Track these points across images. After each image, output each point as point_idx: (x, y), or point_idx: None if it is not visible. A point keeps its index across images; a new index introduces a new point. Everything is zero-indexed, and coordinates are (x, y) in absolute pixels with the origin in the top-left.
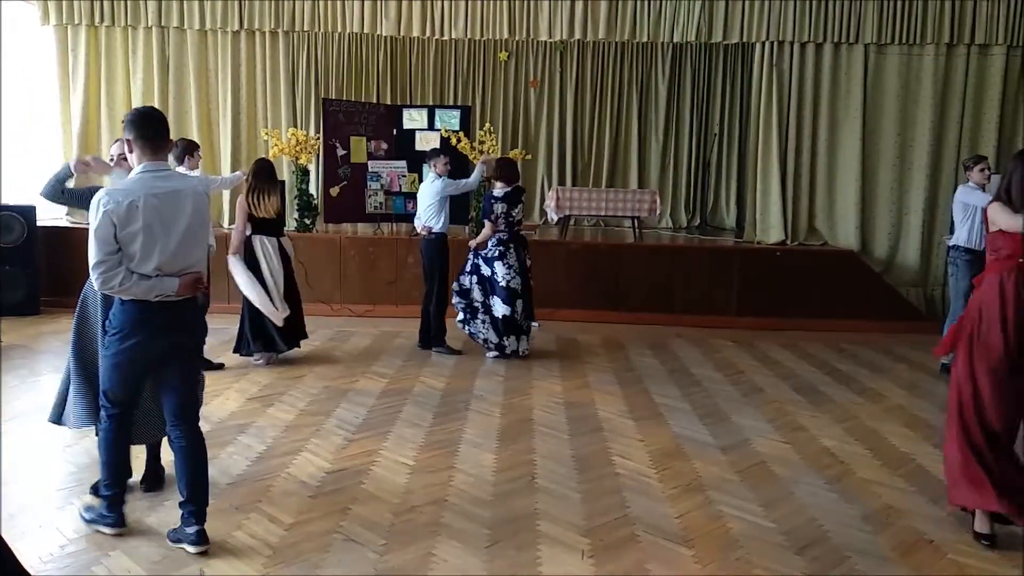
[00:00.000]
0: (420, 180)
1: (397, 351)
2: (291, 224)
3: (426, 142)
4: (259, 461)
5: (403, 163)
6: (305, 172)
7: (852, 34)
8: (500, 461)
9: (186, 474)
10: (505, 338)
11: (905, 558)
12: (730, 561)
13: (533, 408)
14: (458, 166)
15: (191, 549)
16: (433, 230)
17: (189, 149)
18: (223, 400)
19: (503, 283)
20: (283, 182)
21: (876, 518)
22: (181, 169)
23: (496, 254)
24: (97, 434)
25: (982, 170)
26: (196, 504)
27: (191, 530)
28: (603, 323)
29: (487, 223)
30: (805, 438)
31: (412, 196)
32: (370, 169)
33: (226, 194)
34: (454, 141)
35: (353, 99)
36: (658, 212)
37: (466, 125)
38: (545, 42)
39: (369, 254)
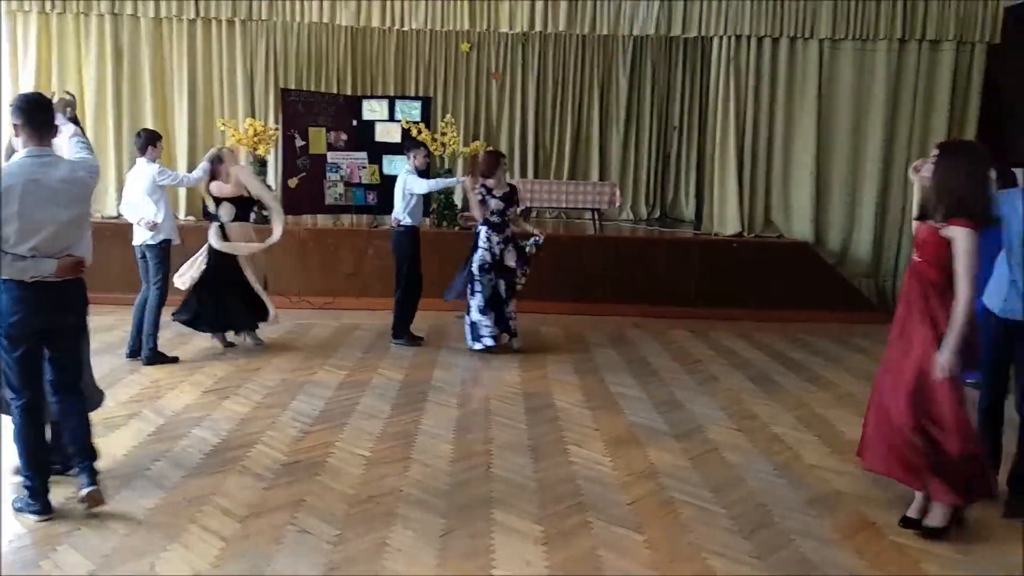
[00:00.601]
0: (380, 171)
1: (356, 343)
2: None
3: (387, 133)
4: (213, 454)
5: (363, 154)
6: (263, 163)
7: (807, 29)
8: (457, 451)
9: (73, 435)
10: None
11: (848, 540)
12: (680, 546)
13: (491, 399)
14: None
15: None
16: (401, 222)
17: (152, 139)
18: (178, 393)
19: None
20: None
21: (822, 502)
22: (143, 160)
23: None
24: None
25: None
26: (90, 458)
27: (85, 491)
28: (564, 315)
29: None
30: (756, 425)
31: (372, 187)
32: (329, 160)
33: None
34: (415, 132)
35: (313, 89)
36: (618, 204)
37: (427, 116)
38: (507, 34)
39: (329, 246)
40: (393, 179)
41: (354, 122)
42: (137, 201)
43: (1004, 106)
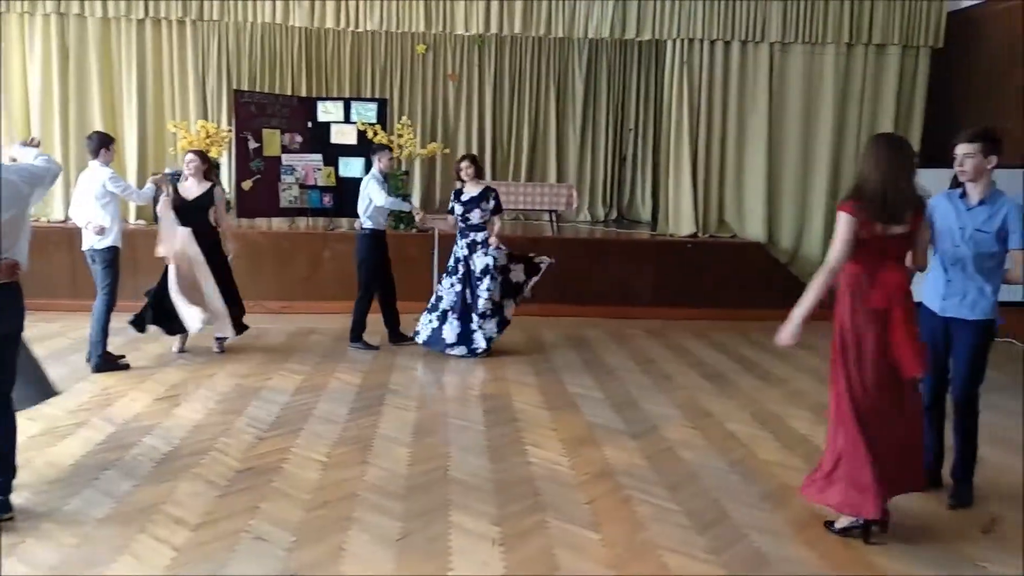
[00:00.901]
0: (336, 174)
1: (313, 348)
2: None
3: (342, 135)
4: (164, 462)
5: (319, 156)
6: (216, 166)
7: (758, 33)
8: (414, 455)
9: None
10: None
11: (799, 534)
12: (635, 543)
13: (449, 401)
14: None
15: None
16: (364, 226)
17: (104, 142)
18: (129, 401)
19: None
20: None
21: (774, 497)
22: (95, 163)
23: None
24: None
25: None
26: (5, 475)
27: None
28: (522, 316)
29: (498, 219)
30: (711, 423)
31: (328, 190)
32: (284, 162)
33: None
34: (371, 134)
35: (267, 91)
36: (575, 206)
37: (383, 118)
38: (463, 36)
39: (284, 249)
40: (349, 181)
41: (309, 124)
42: (87, 205)
43: (948, 109)
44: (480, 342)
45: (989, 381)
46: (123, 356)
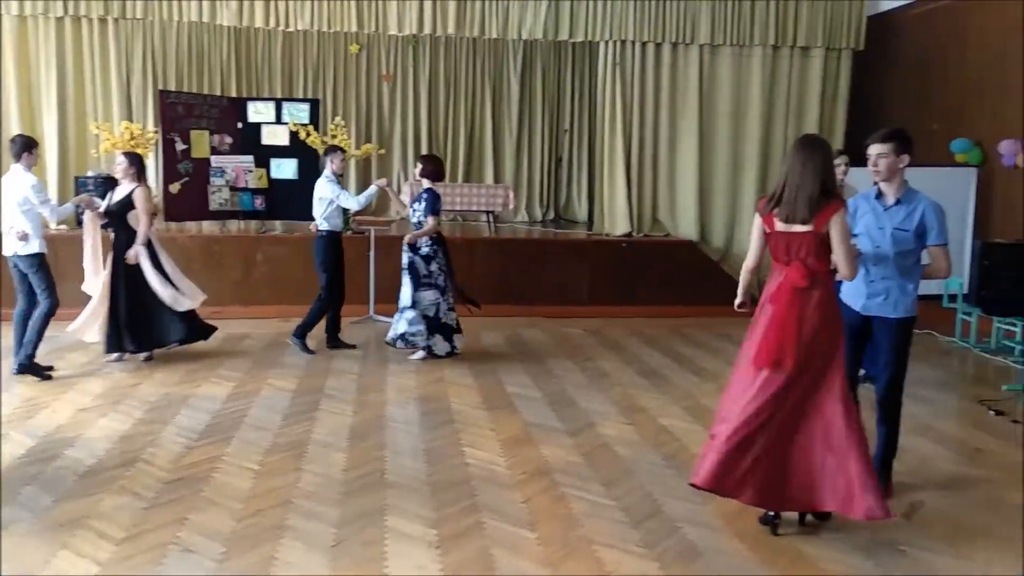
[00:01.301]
0: (268, 175)
1: (245, 354)
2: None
3: (273, 136)
4: (88, 475)
5: (250, 158)
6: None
7: (688, 35)
8: (350, 459)
9: None
10: (430, 337)
11: (730, 525)
12: (571, 540)
13: (386, 404)
14: (311, 161)
15: None
16: (320, 228)
17: (27, 146)
18: (51, 412)
19: (434, 281)
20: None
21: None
22: (18, 167)
23: (432, 252)
24: None
25: (838, 164)
26: None
27: None
28: (460, 317)
29: (431, 219)
30: (646, 418)
31: (260, 192)
32: (214, 164)
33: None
34: (303, 135)
35: (195, 91)
36: (512, 206)
37: (316, 119)
38: (397, 36)
39: (214, 253)
40: (282, 183)
41: (239, 125)
42: (10, 210)
43: (869, 110)
44: (393, 332)
45: (914, 373)
46: (51, 368)
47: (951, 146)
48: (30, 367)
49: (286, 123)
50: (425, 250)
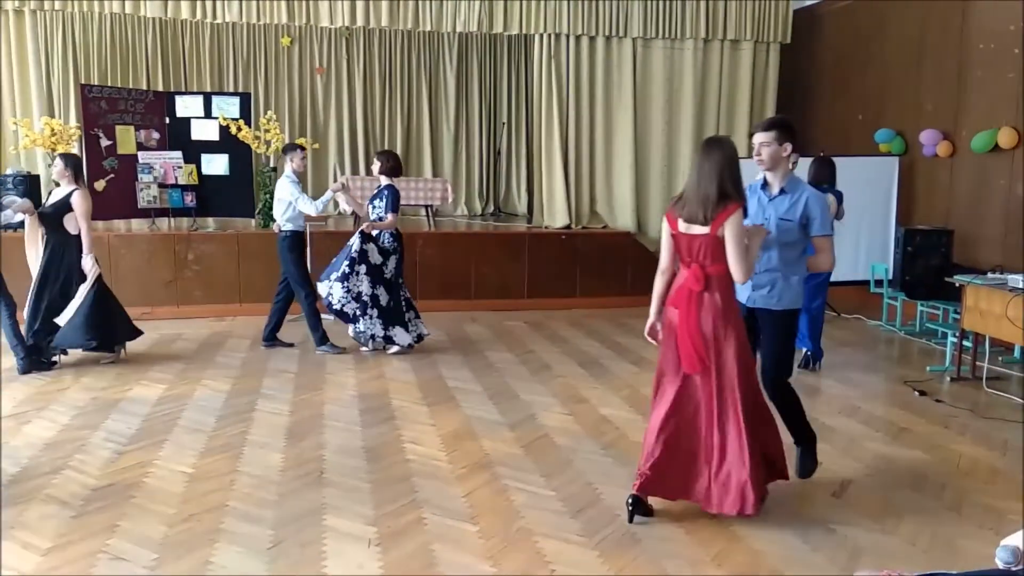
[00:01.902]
0: (199, 171)
1: (177, 355)
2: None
3: (203, 131)
4: (12, 485)
5: (179, 154)
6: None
7: (621, 28)
8: (287, 460)
9: None
10: (390, 328)
11: (667, 511)
12: (511, 532)
13: (325, 403)
14: (243, 156)
15: None
16: (284, 229)
17: None
18: None
19: (389, 275)
20: (38, 176)
21: None
22: None
23: (391, 248)
24: None
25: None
26: None
27: None
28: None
29: (391, 215)
30: (586, 409)
31: (190, 188)
32: (141, 161)
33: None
34: (233, 130)
35: (119, 85)
36: (451, 200)
37: (246, 113)
38: (329, 28)
39: (143, 252)
40: (212, 179)
41: (167, 120)
42: None
43: (797, 102)
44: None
45: (842, 356)
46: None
47: (875, 136)
48: (31, 364)
49: (216, 118)
50: (385, 244)
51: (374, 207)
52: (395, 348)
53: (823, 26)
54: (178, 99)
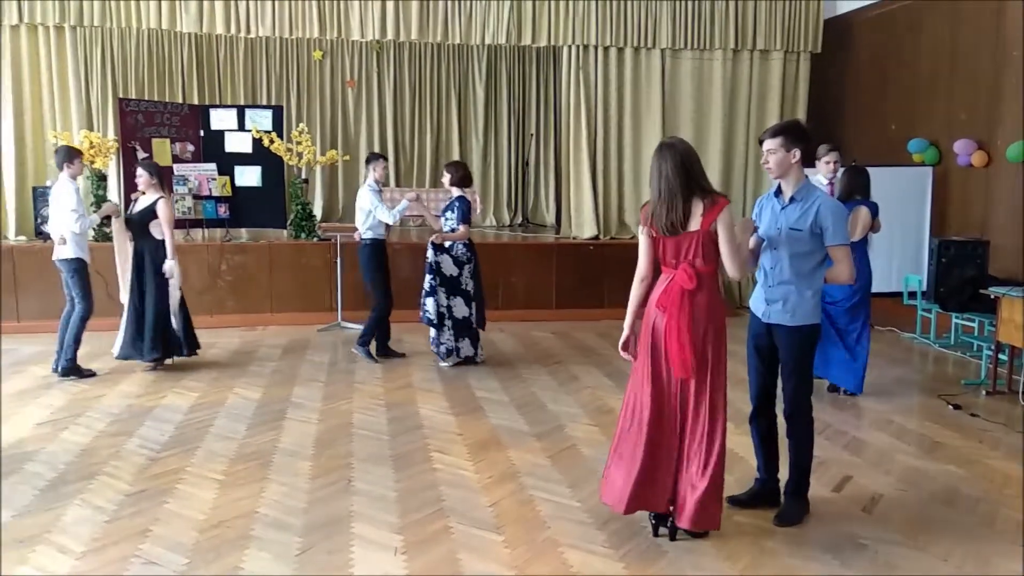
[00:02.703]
0: (232, 183)
1: (210, 363)
2: (89, 233)
3: (236, 143)
4: (49, 489)
5: (213, 166)
6: (102, 177)
7: (649, 39)
8: (316, 468)
9: None
10: (459, 341)
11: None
12: (537, 542)
13: (353, 412)
14: (276, 168)
15: None
16: (364, 237)
17: (69, 156)
18: (10, 427)
19: (464, 286)
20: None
21: None
22: (64, 175)
23: (466, 258)
24: None
25: (828, 162)
26: None
27: None
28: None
29: (463, 226)
30: (613, 420)
31: (224, 200)
32: (176, 172)
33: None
34: (266, 142)
35: (156, 99)
36: (480, 211)
37: (279, 125)
38: (360, 42)
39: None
40: (246, 191)
41: (201, 132)
42: (56, 216)
43: (828, 111)
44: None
45: (876, 370)
46: (92, 372)
47: (908, 146)
48: (72, 369)
49: (249, 130)
50: (458, 254)
51: (446, 219)
52: (452, 361)
53: (854, 35)
54: (212, 112)
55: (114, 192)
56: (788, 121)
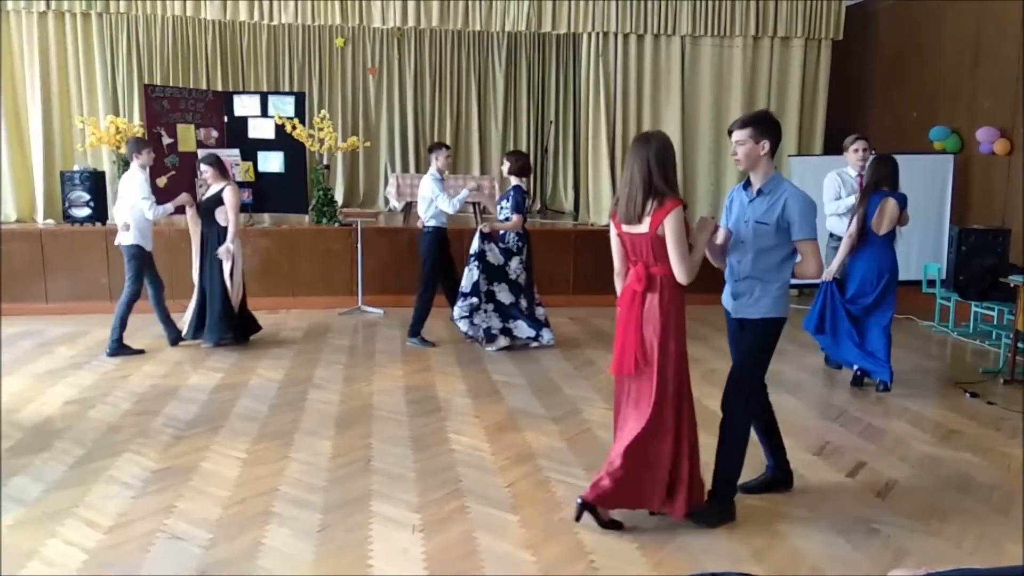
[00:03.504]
0: (255, 168)
1: (234, 345)
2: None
3: (259, 129)
4: (77, 466)
5: (236, 151)
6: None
7: (669, 26)
8: (336, 447)
9: None
10: (511, 321)
11: None
12: (552, 523)
13: (373, 394)
14: (298, 154)
15: None
16: (427, 224)
17: (138, 147)
18: (39, 405)
19: (513, 276)
20: (103, 172)
21: None
22: (134, 165)
23: (516, 248)
24: None
25: (856, 151)
26: None
27: None
28: (446, 307)
29: (516, 216)
30: None
31: (247, 185)
32: (200, 158)
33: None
34: (288, 128)
35: (180, 85)
36: (497, 197)
37: (301, 112)
38: (382, 29)
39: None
40: (268, 176)
41: (225, 118)
42: (123, 203)
43: (849, 99)
44: (468, 324)
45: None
46: (142, 350)
47: (929, 134)
48: (119, 348)
49: (272, 116)
50: (509, 244)
51: (501, 208)
52: (500, 344)
53: (876, 22)
54: (236, 98)
55: None
56: (758, 112)
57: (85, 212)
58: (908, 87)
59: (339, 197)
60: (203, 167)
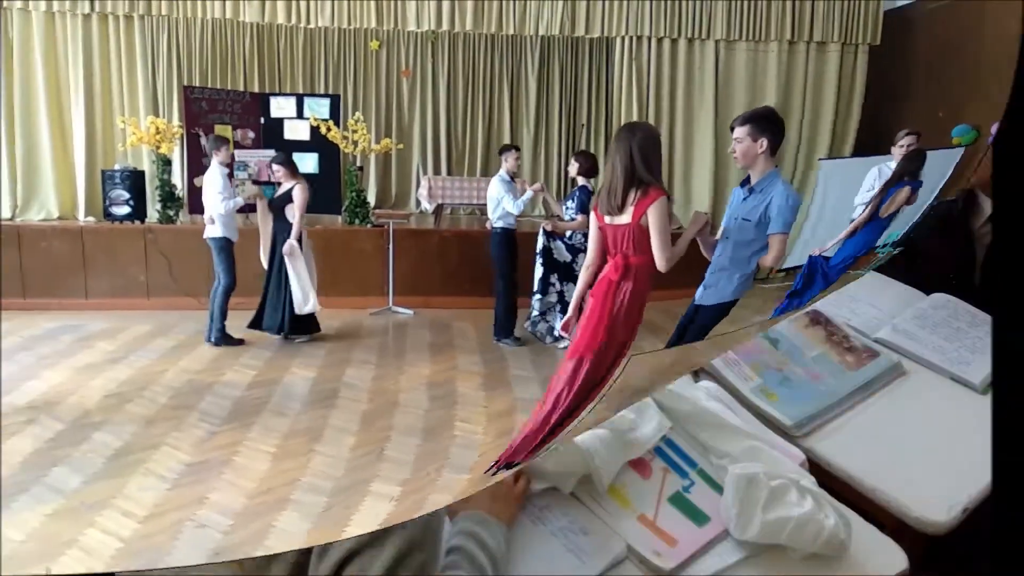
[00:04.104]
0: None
1: (268, 342)
2: (153, 216)
3: (295, 131)
4: (115, 458)
5: (272, 152)
6: (167, 162)
7: (703, 30)
8: (359, 441)
9: None
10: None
11: None
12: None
13: (399, 392)
14: (332, 155)
15: None
16: (495, 226)
17: (217, 144)
18: (79, 398)
19: (577, 271)
20: (143, 172)
21: None
22: (214, 161)
23: (582, 246)
24: None
25: (902, 147)
26: None
27: None
28: (475, 309)
29: (581, 216)
30: None
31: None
32: (237, 159)
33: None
34: (323, 130)
35: (218, 87)
36: (530, 198)
37: (336, 114)
38: (416, 32)
39: (238, 246)
40: (304, 177)
41: (261, 120)
42: (207, 198)
43: (884, 105)
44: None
45: None
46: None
47: (952, 132)
48: (223, 338)
49: (307, 118)
50: (576, 242)
51: (567, 208)
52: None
53: (915, 28)
54: (272, 100)
55: (178, 176)
56: (760, 108)
57: (125, 210)
58: (948, 94)
59: (372, 198)
60: (275, 166)
